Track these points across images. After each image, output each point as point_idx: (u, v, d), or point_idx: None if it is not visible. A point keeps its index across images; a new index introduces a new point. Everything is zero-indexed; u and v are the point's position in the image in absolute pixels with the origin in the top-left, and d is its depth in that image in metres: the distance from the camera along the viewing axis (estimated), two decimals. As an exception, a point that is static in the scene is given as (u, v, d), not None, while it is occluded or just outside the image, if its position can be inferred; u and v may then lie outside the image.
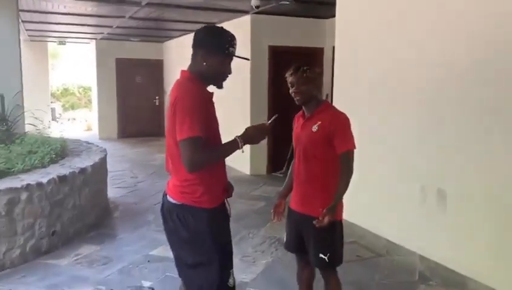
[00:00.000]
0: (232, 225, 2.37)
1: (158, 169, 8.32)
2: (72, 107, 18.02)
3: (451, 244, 3.97)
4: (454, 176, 3.94)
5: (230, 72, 2.25)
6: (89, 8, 7.36)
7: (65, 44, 13.02)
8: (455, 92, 3.93)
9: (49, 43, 13.61)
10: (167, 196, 2.26)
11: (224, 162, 2.32)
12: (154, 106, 13.02)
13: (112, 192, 6.33)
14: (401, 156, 4.54)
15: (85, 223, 4.84)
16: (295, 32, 7.76)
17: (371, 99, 4.91)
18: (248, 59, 2.36)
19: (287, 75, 2.67)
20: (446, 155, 4.01)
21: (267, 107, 7.71)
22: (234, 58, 2.23)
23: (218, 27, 2.23)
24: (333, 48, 7.25)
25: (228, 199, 2.35)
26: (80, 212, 4.74)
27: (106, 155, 5.71)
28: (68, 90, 18.53)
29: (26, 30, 10.38)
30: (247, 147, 2.27)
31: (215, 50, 2.16)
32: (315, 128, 2.61)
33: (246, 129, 2.23)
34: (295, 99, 2.66)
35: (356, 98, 5.06)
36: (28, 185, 4.01)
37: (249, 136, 2.20)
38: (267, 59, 7.60)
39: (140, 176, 7.80)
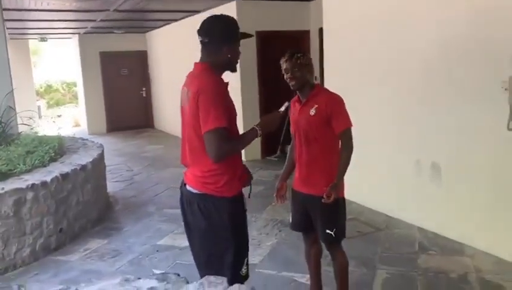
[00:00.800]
0: None
1: (152, 161, 8.39)
2: (57, 103, 17.83)
3: (447, 214, 4.14)
4: (447, 149, 4.10)
5: (240, 53, 2.32)
6: (73, 3, 7.29)
7: (46, 40, 12.82)
8: (446, 67, 4.06)
9: (30, 40, 13.42)
10: (187, 186, 2.32)
11: (241, 153, 2.39)
12: (141, 97, 12.99)
13: (110, 186, 6.39)
14: (395, 131, 4.68)
15: (89, 218, 4.91)
16: (280, 16, 7.81)
17: (363, 78, 5.02)
18: (252, 35, 2.43)
19: (281, 61, 2.80)
20: (439, 129, 4.16)
21: (257, 92, 7.80)
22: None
23: (224, 15, 2.28)
24: (319, 30, 7.42)
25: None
26: (84, 208, 4.80)
27: (103, 150, 5.76)
28: (51, 87, 18.31)
29: (7, 28, 10.19)
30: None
31: (234, 39, 2.25)
32: (312, 112, 2.73)
33: (262, 118, 2.34)
34: (290, 84, 2.79)
35: (348, 77, 5.17)
36: (33, 184, 4.06)
37: (266, 125, 2.30)
38: (254, 44, 7.64)
39: (136, 168, 7.85)
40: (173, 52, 10.42)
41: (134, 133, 12.04)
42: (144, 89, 12.97)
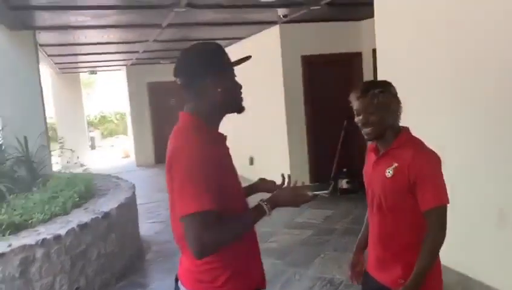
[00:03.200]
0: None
1: (194, 197, 7.90)
2: (111, 134, 18.09)
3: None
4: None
5: (241, 86, 1.73)
6: (111, 35, 7.08)
7: (95, 73, 12.97)
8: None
9: (81, 73, 13.66)
10: (179, 283, 1.72)
11: (255, 232, 1.74)
12: (188, 127, 12.71)
13: (145, 228, 5.92)
14: (468, 170, 3.83)
15: (113, 272, 4.40)
16: (328, 38, 7.14)
17: (425, 106, 4.22)
18: (249, 57, 1.78)
19: (351, 98, 1.98)
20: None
21: (304, 122, 7.12)
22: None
23: (197, 43, 1.71)
24: (373, 50, 6.68)
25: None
26: (107, 261, 4.30)
27: (134, 192, 5.30)
28: (105, 118, 18.65)
29: (56, 64, 10.33)
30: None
31: (219, 68, 1.66)
32: (389, 172, 1.92)
33: (282, 190, 1.74)
34: (363, 131, 1.98)
35: (407, 104, 4.38)
36: (44, 239, 3.60)
37: (282, 201, 1.67)
38: (300, 70, 7.02)
39: (176, 206, 7.36)
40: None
41: (181, 165, 11.71)
42: (191, 119, 12.68)
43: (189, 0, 4.92)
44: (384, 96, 1.93)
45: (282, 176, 1.94)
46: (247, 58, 1.74)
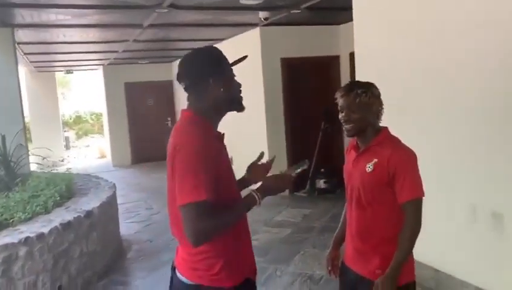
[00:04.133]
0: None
1: (174, 197, 7.91)
2: (86, 134, 17.83)
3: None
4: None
5: (241, 85, 1.84)
6: (90, 34, 7.04)
7: (72, 73, 12.79)
8: (501, 95, 3.40)
9: (57, 72, 13.45)
10: (176, 271, 1.78)
11: (247, 224, 1.83)
12: (166, 128, 12.66)
13: (125, 228, 5.92)
14: (442, 170, 4.00)
15: (95, 270, 4.40)
16: (307, 41, 7.29)
17: (402, 109, 4.39)
18: (246, 56, 1.88)
19: (337, 95, 2.11)
20: (502, 169, 3.47)
21: (283, 124, 7.24)
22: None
23: (198, 49, 1.81)
24: (350, 54, 6.86)
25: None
26: (89, 260, 4.30)
27: (115, 192, 5.30)
28: (80, 118, 18.36)
29: (31, 62, 10.15)
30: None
31: (220, 69, 1.76)
32: (369, 167, 2.04)
33: (266, 180, 1.81)
34: (344, 128, 2.10)
35: (385, 107, 4.55)
36: (27, 238, 3.59)
37: (269, 189, 1.78)
38: (280, 72, 7.14)
39: (155, 206, 7.36)
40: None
41: (159, 165, 11.55)
42: (169, 119, 12.66)
43: (172, 1, 4.96)
44: (366, 96, 2.05)
45: (261, 153, 2.08)
46: (244, 58, 1.84)
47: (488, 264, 3.60)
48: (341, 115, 2.10)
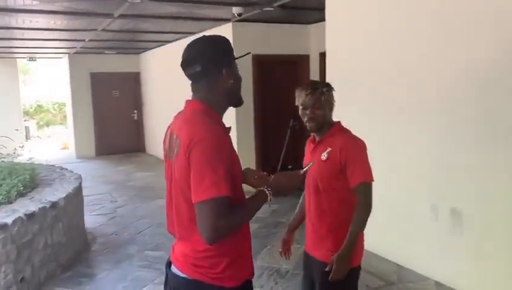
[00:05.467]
0: None
1: (139, 191, 7.82)
2: (47, 124, 17.28)
3: (471, 269, 3.59)
4: (471, 194, 3.56)
5: (241, 79, 1.79)
6: (58, 21, 6.84)
7: (35, 60, 12.36)
8: (471, 96, 3.56)
9: (18, 59, 12.97)
10: (173, 267, 1.72)
11: (249, 224, 1.80)
12: (132, 120, 12.47)
13: (90, 221, 5.80)
14: (408, 168, 4.16)
15: (59, 262, 4.31)
16: (278, 39, 7.35)
17: (371, 108, 4.52)
18: (249, 53, 1.93)
19: (300, 93, 2.24)
20: (461, 169, 3.64)
21: (253, 120, 7.29)
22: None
23: (207, 36, 1.75)
24: (320, 54, 6.97)
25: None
26: (53, 252, 4.21)
27: (80, 183, 5.19)
28: (42, 107, 17.78)
29: (-7, 47, 9.77)
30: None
31: (232, 60, 1.72)
32: (324, 156, 2.23)
33: (276, 176, 1.76)
34: (308, 125, 2.26)
35: (353, 106, 4.67)
36: (-10, 228, 3.49)
37: (280, 187, 1.72)
38: (251, 69, 7.17)
39: (120, 199, 7.26)
40: (168, 75, 9.94)
41: (124, 158, 11.48)
42: (136, 111, 12.46)
43: (146, -9, 4.90)
44: (329, 94, 2.25)
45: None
46: (247, 54, 1.86)
47: (447, 260, 3.78)
48: (303, 112, 2.26)
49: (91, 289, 4.01)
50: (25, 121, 15.22)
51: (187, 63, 1.69)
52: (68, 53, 11.47)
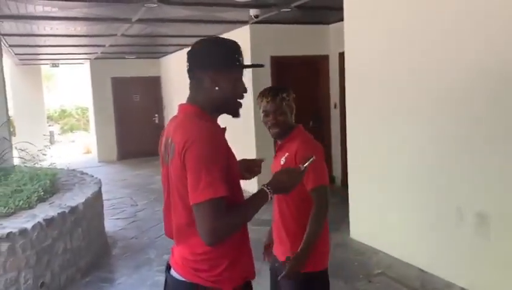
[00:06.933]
0: None
1: (159, 194, 7.77)
2: (71, 129, 17.59)
3: (498, 274, 3.44)
4: (498, 196, 3.42)
5: (246, 90, 1.75)
6: (78, 27, 6.93)
7: (58, 66, 12.57)
8: (492, 96, 3.43)
9: (42, 65, 13.23)
10: (172, 271, 1.70)
11: (247, 224, 1.74)
12: (153, 123, 12.56)
13: (110, 224, 5.84)
14: (430, 171, 4.03)
15: (79, 267, 4.33)
16: (297, 40, 7.27)
17: (391, 108, 4.41)
18: (262, 65, 1.88)
19: (259, 100, 2.26)
20: (489, 171, 3.50)
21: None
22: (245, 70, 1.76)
23: (217, 37, 1.72)
24: (339, 54, 6.86)
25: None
26: (73, 256, 4.23)
27: (100, 188, 5.22)
28: (65, 112, 18.10)
29: (16, 54, 9.98)
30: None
31: (224, 65, 1.65)
32: (282, 161, 2.24)
33: (276, 175, 1.71)
34: (271, 131, 2.27)
35: (374, 106, 4.56)
36: (10, 233, 3.52)
37: (280, 184, 1.66)
38: (269, 71, 7.11)
39: (140, 203, 7.29)
40: (187, 78, 9.98)
41: (145, 161, 11.54)
42: (156, 115, 12.56)
43: (162, -5, 4.90)
44: (290, 100, 2.26)
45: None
46: (260, 65, 1.83)
47: (474, 266, 3.64)
48: (266, 119, 2.25)
49: (110, 294, 4.02)
50: (49, 126, 15.52)
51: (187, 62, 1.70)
52: (89, 59, 11.64)
